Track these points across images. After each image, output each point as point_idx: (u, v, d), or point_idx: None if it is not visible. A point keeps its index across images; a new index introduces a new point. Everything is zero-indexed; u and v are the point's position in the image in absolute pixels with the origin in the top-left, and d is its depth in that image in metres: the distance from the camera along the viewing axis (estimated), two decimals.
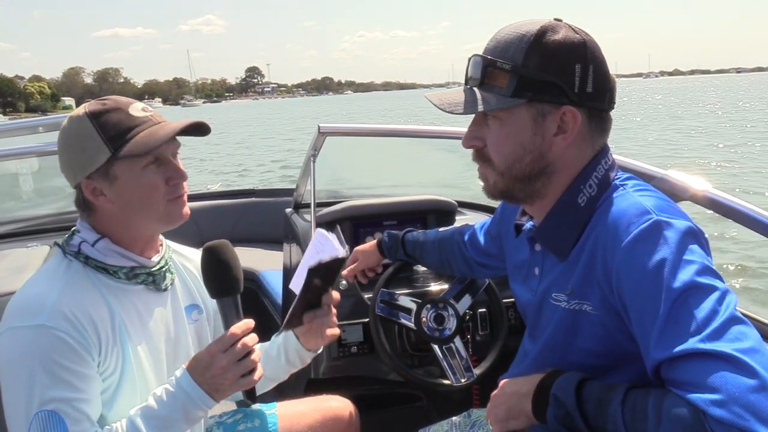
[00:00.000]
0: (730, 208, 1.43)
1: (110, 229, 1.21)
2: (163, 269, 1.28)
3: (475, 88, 1.06)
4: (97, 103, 1.19)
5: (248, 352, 1.14)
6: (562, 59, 1.00)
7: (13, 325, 1.09)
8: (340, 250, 1.47)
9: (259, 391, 1.54)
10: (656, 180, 1.51)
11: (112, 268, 1.19)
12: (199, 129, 1.23)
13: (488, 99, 1.03)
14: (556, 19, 1.05)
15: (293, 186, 2.69)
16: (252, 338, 1.16)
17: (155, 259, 1.27)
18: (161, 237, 1.32)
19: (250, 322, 1.18)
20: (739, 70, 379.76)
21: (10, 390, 1.08)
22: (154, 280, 1.25)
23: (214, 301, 1.43)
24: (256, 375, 1.16)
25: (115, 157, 1.13)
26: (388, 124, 2.59)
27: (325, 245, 1.55)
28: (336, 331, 1.40)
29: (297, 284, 1.50)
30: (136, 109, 1.18)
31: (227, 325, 1.18)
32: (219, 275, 1.19)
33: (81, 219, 1.23)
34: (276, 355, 1.47)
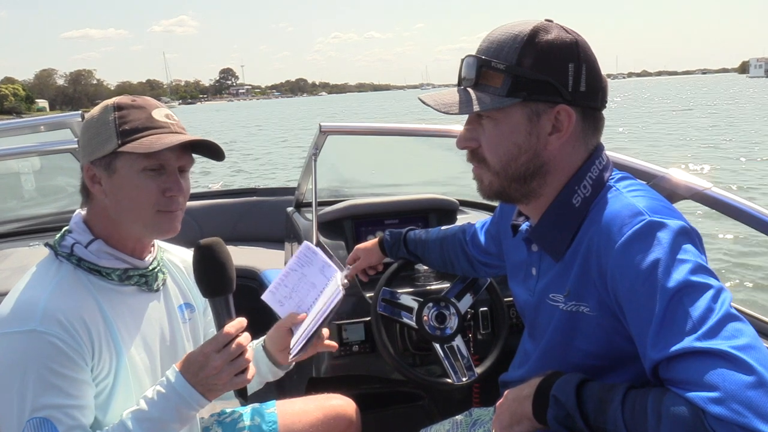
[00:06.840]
0: (731, 206, 1.43)
1: (103, 226, 1.19)
2: (156, 270, 1.27)
3: (470, 89, 1.07)
4: (128, 98, 1.20)
5: (242, 351, 1.13)
6: (556, 59, 1.01)
7: (3, 331, 1.06)
8: (340, 282, 1.35)
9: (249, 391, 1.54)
10: (657, 179, 1.51)
11: (105, 270, 1.18)
12: (210, 150, 1.21)
13: (483, 99, 1.04)
14: (546, 20, 1.06)
15: (295, 185, 2.69)
16: (245, 337, 1.15)
17: (148, 259, 1.26)
18: None
19: (242, 321, 1.16)
20: (704, 72, 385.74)
21: (0, 396, 1.06)
22: (146, 281, 1.24)
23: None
24: (249, 374, 1.15)
25: (120, 151, 1.13)
26: (389, 123, 2.59)
27: (324, 270, 1.40)
28: (333, 343, 1.44)
29: (286, 311, 1.39)
30: (160, 113, 1.18)
31: (219, 324, 1.16)
32: (212, 275, 1.17)
33: (79, 213, 1.22)
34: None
